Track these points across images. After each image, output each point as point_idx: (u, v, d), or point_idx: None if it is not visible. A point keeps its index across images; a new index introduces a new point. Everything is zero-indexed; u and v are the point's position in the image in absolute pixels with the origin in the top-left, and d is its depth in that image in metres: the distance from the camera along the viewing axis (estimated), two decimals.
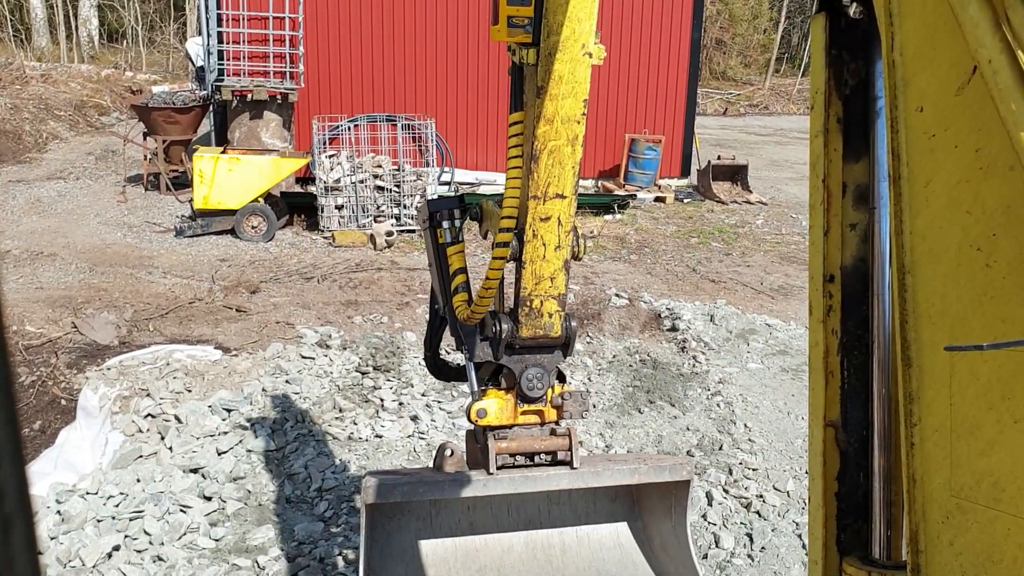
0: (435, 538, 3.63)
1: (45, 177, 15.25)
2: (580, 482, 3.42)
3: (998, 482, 1.19)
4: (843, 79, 1.57)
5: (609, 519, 3.81)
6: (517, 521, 3.75)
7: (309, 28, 14.07)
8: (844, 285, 1.63)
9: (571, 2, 2.70)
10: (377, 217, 12.23)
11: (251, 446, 5.84)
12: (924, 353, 1.30)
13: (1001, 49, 1.05)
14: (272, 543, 4.98)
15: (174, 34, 33.65)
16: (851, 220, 1.62)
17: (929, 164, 1.23)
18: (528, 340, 3.26)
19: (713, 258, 11.63)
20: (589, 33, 2.79)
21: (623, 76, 15.58)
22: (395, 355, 7.57)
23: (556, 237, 3.08)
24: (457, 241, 3.47)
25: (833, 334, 1.64)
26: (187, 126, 14.49)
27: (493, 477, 3.29)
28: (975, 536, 1.24)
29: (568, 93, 2.84)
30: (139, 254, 10.77)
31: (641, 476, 3.49)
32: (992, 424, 1.19)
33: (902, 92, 1.27)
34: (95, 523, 5.00)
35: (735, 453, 6.13)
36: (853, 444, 1.65)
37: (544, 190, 2.97)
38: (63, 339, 7.69)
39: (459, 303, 3.35)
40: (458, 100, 15.07)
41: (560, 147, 2.92)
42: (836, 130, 1.58)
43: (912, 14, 1.23)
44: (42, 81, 22.71)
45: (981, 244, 1.17)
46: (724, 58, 35.65)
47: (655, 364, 7.70)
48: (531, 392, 3.30)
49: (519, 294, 3.19)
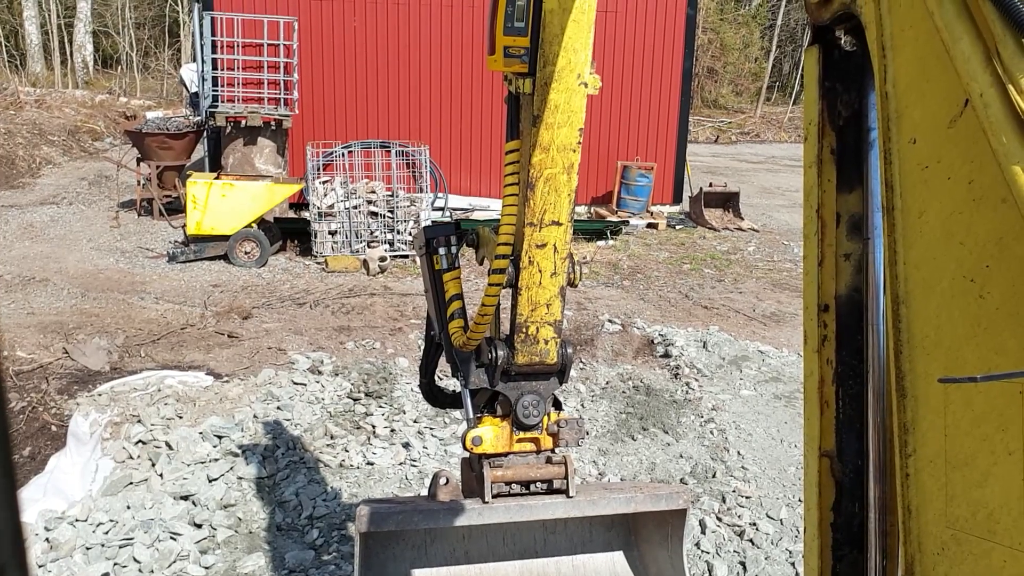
0: (430, 567, 3.58)
1: (38, 202, 15.24)
2: (576, 511, 3.38)
3: (993, 513, 1.19)
4: (836, 110, 1.57)
5: (605, 548, 3.77)
6: (512, 551, 3.68)
7: (303, 55, 14.16)
8: (839, 314, 1.63)
9: (567, 33, 2.73)
10: (370, 243, 12.25)
11: (242, 473, 5.81)
12: (919, 384, 1.30)
13: (992, 83, 1.07)
14: (263, 571, 4.94)
15: (168, 60, 33.80)
16: (845, 250, 1.62)
17: (922, 195, 1.24)
18: (524, 367, 3.24)
19: (706, 284, 11.66)
20: (585, 63, 2.81)
21: (616, 103, 15.69)
22: (387, 381, 7.55)
23: (552, 264, 3.07)
24: (453, 268, 3.46)
25: (828, 364, 1.64)
26: (181, 152, 14.52)
27: (488, 506, 3.24)
28: (970, 568, 1.24)
29: (564, 122, 2.86)
30: (131, 279, 10.75)
31: (638, 505, 3.45)
32: (986, 455, 1.19)
33: (895, 124, 1.28)
34: (84, 550, 4.96)
35: (728, 481, 6.11)
36: (848, 474, 1.65)
37: (540, 217, 2.98)
38: (54, 365, 7.65)
39: (455, 329, 3.34)
40: (452, 127, 15.15)
41: (556, 175, 2.93)
42: (830, 160, 1.59)
43: (905, 47, 1.24)
44: (36, 106, 22.76)
45: (974, 275, 1.18)
46: (716, 86, 35.93)
47: (648, 390, 7.69)
48: (527, 420, 3.27)
49: (515, 321, 3.17)
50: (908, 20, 1.23)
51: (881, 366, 1.61)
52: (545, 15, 2.73)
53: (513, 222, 3.04)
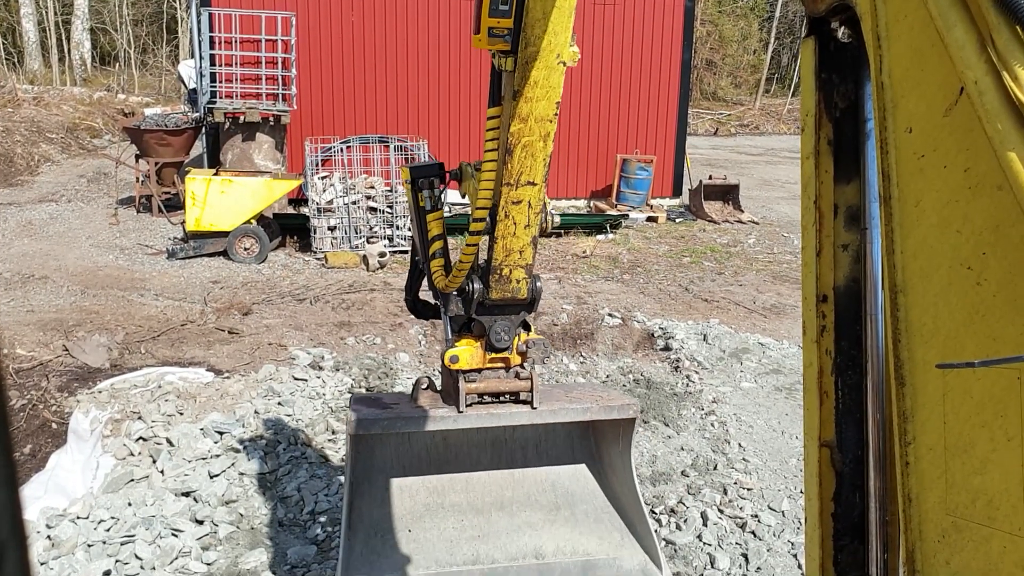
0: (414, 475, 4.12)
1: (37, 200, 15.23)
2: (539, 419, 3.86)
3: (992, 500, 1.20)
4: (833, 102, 1.58)
5: (571, 461, 4.33)
6: (491, 463, 4.23)
7: (301, 50, 14.13)
8: (837, 305, 1.63)
9: (549, 17, 2.90)
10: (370, 238, 12.23)
11: (243, 469, 5.80)
12: (917, 372, 1.31)
13: (987, 71, 1.07)
14: (264, 567, 4.94)
15: (166, 57, 33.75)
16: (843, 241, 1.63)
17: (919, 184, 1.25)
18: (497, 301, 3.63)
19: (706, 277, 11.65)
20: (564, 44, 3.01)
21: (615, 96, 15.66)
22: (388, 376, 7.55)
23: (526, 217, 3.41)
24: (436, 208, 3.77)
25: (827, 354, 1.65)
26: (179, 148, 14.50)
27: (463, 414, 3.73)
28: (971, 555, 1.24)
29: (542, 96, 3.09)
30: (131, 276, 10.74)
31: (593, 414, 3.94)
32: (985, 442, 1.20)
33: (891, 114, 1.28)
34: (86, 548, 4.96)
35: (730, 473, 6.11)
36: (848, 464, 1.65)
37: (517, 178, 3.28)
38: (54, 362, 7.65)
39: (436, 268, 3.73)
40: (450, 121, 15.12)
41: (533, 142, 3.21)
42: (827, 152, 1.60)
43: (900, 37, 1.24)
44: (34, 104, 22.73)
45: (971, 263, 1.18)
46: (715, 79, 35.88)
47: (649, 384, 7.69)
48: (499, 344, 3.70)
49: (491, 263, 3.53)
50: (902, 10, 1.23)
51: (880, 356, 1.60)
52: (528, 2, 2.89)
53: (492, 181, 3.34)
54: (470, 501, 4.19)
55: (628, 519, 4.22)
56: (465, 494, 4.14)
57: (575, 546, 4.18)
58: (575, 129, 15.35)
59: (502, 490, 4.16)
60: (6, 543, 0.55)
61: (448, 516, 4.16)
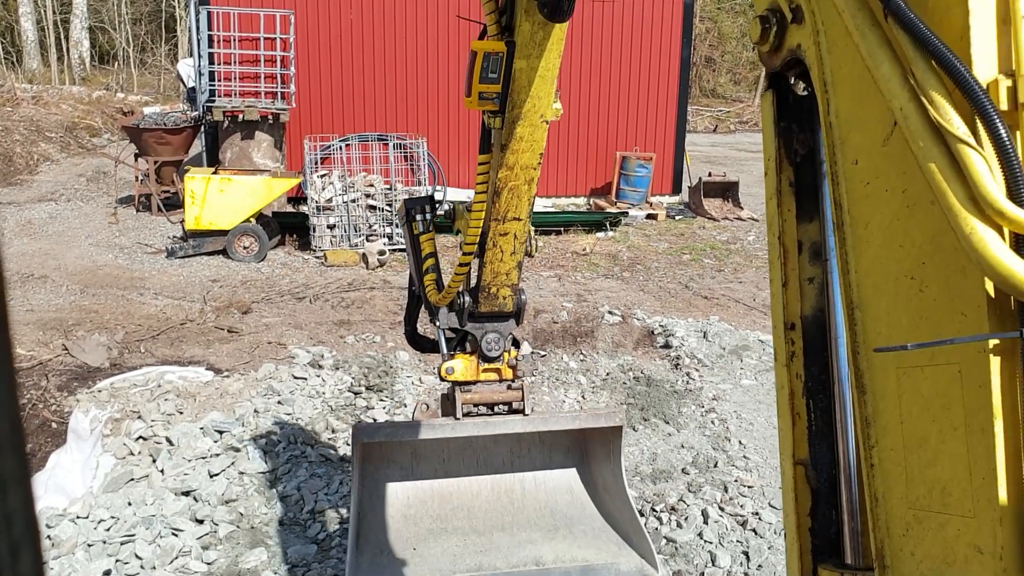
0: (416, 480, 4.30)
1: (36, 199, 15.22)
2: (531, 427, 4.09)
3: (946, 488, 1.31)
4: (793, 148, 1.74)
5: (562, 467, 4.53)
6: (486, 469, 4.41)
7: (300, 49, 14.11)
8: (805, 333, 1.77)
9: (533, 85, 3.24)
10: (369, 236, 12.22)
11: (243, 468, 5.80)
12: (876, 379, 1.43)
13: (909, 98, 1.23)
14: (265, 566, 4.93)
15: (165, 55, 33.72)
16: (808, 275, 1.78)
17: (866, 209, 1.40)
18: (485, 313, 3.96)
19: (705, 275, 11.65)
20: (547, 105, 3.33)
21: (614, 94, 15.65)
22: (388, 375, 7.55)
23: (512, 247, 3.75)
24: (428, 231, 4.14)
25: (797, 378, 1.77)
26: (178, 147, 14.49)
27: (460, 422, 3.96)
28: (931, 542, 1.34)
29: (527, 149, 3.42)
30: (130, 275, 10.74)
31: (581, 422, 4.26)
32: (936, 435, 1.32)
33: (840, 149, 1.44)
34: (86, 548, 4.95)
35: (730, 470, 6.11)
36: (823, 481, 1.75)
37: (504, 215, 3.62)
38: (54, 362, 7.64)
39: (429, 282, 4.04)
40: (450, 119, 15.11)
41: (518, 186, 3.54)
42: (788, 192, 1.76)
43: (843, 82, 1.41)
44: (33, 103, 22.71)
45: (914, 273, 1.33)
46: (714, 76, 35.85)
47: (649, 381, 7.68)
48: (490, 352, 3.97)
49: (480, 282, 3.85)
50: (844, 58, 1.40)
51: (845, 380, 1.71)
52: (515, 71, 3.22)
53: (480, 220, 3.67)
54: (472, 526, 4.36)
55: (624, 532, 4.40)
56: (468, 520, 4.30)
57: (574, 555, 4.34)
58: (574, 127, 15.34)
59: (502, 515, 4.33)
60: (21, 541, 0.56)
61: (452, 536, 4.34)
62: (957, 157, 1.17)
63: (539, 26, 3.08)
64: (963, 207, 1.16)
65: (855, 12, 1.31)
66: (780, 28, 1.61)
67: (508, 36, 3.20)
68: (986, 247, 1.14)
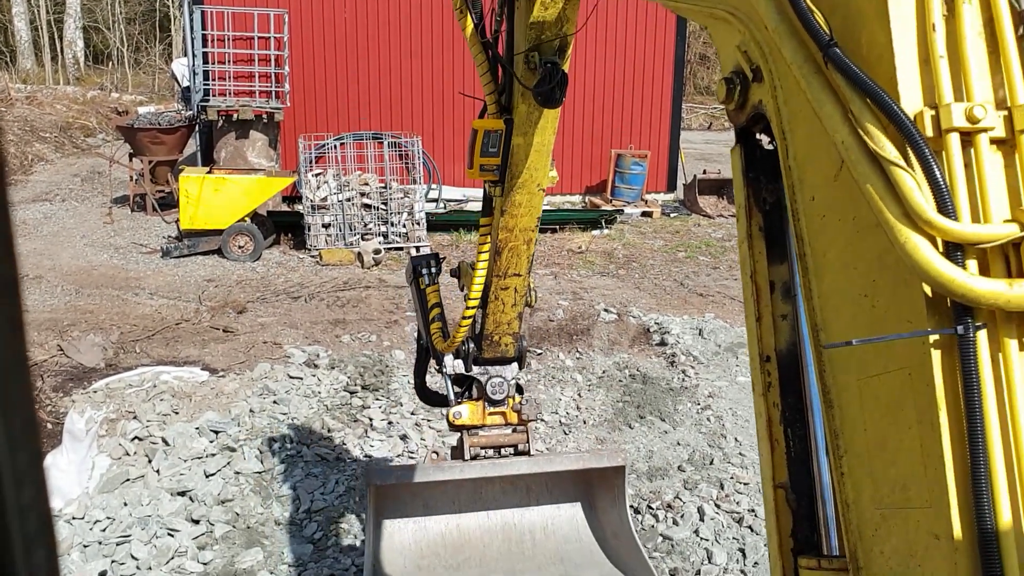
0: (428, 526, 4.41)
1: (31, 199, 15.19)
2: (536, 467, 4.25)
3: (906, 483, 1.42)
4: (762, 196, 1.91)
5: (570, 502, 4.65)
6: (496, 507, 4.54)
7: (294, 47, 14.09)
8: (780, 365, 1.91)
9: (530, 159, 3.48)
10: (364, 235, 12.21)
11: (239, 468, 5.79)
12: (841, 393, 1.56)
13: (849, 131, 1.40)
14: (261, 566, 4.93)
15: (160, 55, 33.66)
16: (781, 311, 1.92)
17: (824, 239, 1.56)
18: (489, 359, 4.18)
19: (701, 272, 11.66)
20: (544, 176, 3.56)
21: (608, 92, 15.65)
22: (384, 374, 7.54)
23: (513, 300, 3.98)
24: (433, 283, 4.37)
25: (775, 407, 1.91)
26: (173, 146, 14.46)
27: (468, 464, 4.13)
28: (897, 537, 1.45)
29: (525, 214, 3.67)
30: (125, 275, 10.72)
31: (584, 463, 4.39)
32: (894, 435, 1.44)
33: (799, 188, 1.60)
34: (81, 548, 4.95)
35: (726, 467, 6.12)
36: (803, 504, 1.86)
37: (505, 271, 3.86)
38: (49, 362, 7.63)
39: (435, 331, 4.27)
40: (444, 117, 15.09)
41: (518, 246, 3.78)
42: (759, 235, 1.91)
43: (798, 128, 1.59)
44: (27, 103, 22.66)
45: (866, 291, 1.47)
46: (708, 73, 35.85)
47: (645, 379, 7.69)
48: (495, 395, 4.14)
49: (484, 331, 4.09)
50: (797, 108, 1.58)
51: (817, 410, 1.82)
52: (513, 146, 3.46)
53: (484, 275, 3.91)
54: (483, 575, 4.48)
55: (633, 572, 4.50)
56: (480, 569, 4.40)
57: None
58: (569, 125, 15.33)
59: (513, 564, 4.44)
60: (35, 539, 0.57)
61: None
62: (891, 179, 1.34)
63: (534, 108, 3.34)
64: (898, 221, 1.32)
65: (801, 64, 1.49)
66: (743, 87, 1.76)
67: (506, 115, 3.47)
68: (919, 254, 1.29)
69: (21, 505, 0.56)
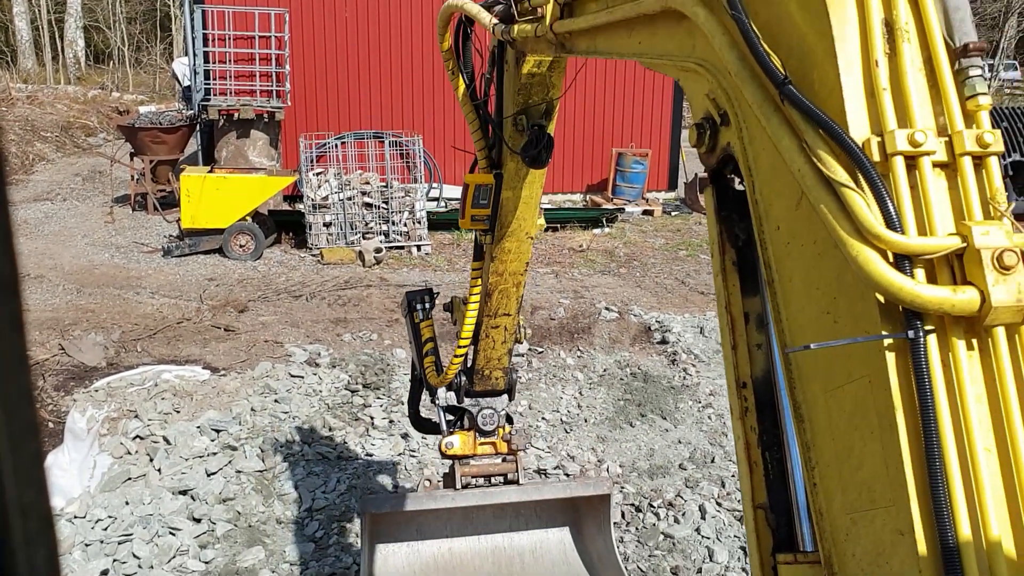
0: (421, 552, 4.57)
1: (32, 199, 15.20)
2: (525, 495, 4.41)
3: (871, 486, 1.50)
4: (734, 233, 2.04)
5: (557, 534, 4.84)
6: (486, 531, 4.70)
7: (295, 47, 14.09)
8: (756, 391, 2.01)
9: (518, 210, 3.68)
10: (365, 234, 12.22)
11: (240, 467, 5.80)
12: (810, 407, 1.65)
13: (805, 160, 1.52)
14: (263, 565, 4.93)
15: (160, 54, 33.65)
16: (756, 341, 2.03)
17: (789, 265, 1.67)
18: (479, 391, 4.37)
19: (702, 270, 11.65)
20: (532, 225, 3.75)
21: (609, 91, 15.64)
22: (385, 372, 7.55)
23: (503, 337, 4.17)
24: (427, 318, 4.55)
25: (752, 430, 1.99)
26: (174, 146, 14.47)
27: (460, 492, 4.29)
28: (866, 539, 1.52)
29: (514, 259, 3.86)
30: (127, 274, 10.73)
31: (572, 491, 4.57)
32: (859, 441, 1.52)
33: (765, 220, 1.72)
34: (83, 547, 4.95)
35: (727, 466, 6.11)
36: (782, 523, 1.94)
37: (495, 311, 4.05)
38: (50, 361, 7.64)
39: (428, 364, 4.44)
40: (445, 116, 15.09)
41: (507, 289, 3.98)
42: (732, 270, 2.04)
43: (763, 165, 1.72)
44: (28, 103, 22.67)
45: (828, 308, 1.58)
46: None
47: (646, 377, 7.69)
48: (485, 426, 4.32)
49: (475, 365, 4.28)
50: (761, 146, 1.70)
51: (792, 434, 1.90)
52: (502, 199, 3.65)
53: (475, 314, 4.06)
54: None
55: None
56: None
57: None
58: (571, 124, 15.32)
59: None
60: (37, 539, 0.57)
61: None
62: (843, 200, 1.46)
63: (522, 165, 3.52)
64: (851, 237, 1.44)
65: (761, 103, 1.62)
66: (713, 132, 1.90)
67: (496, 170, 3.66)
68: (871, 266, 1.40)
69: (22, 504, 0.57)
